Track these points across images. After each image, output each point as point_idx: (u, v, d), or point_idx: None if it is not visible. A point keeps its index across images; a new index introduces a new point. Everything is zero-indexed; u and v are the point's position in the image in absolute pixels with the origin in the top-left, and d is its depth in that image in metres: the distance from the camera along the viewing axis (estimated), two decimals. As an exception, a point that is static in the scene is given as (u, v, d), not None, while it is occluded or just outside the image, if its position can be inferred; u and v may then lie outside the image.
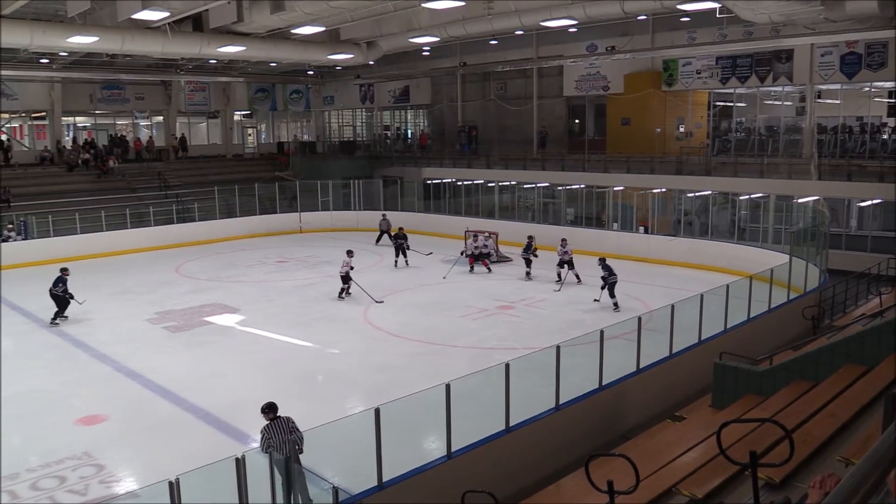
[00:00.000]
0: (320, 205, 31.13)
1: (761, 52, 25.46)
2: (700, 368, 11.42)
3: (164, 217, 28.32)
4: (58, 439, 10.42)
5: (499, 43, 31.82)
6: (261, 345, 15.22)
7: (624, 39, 27.61)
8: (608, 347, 10.42)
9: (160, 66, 32.66)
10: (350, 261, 18.80)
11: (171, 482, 6.13)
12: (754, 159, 25.65)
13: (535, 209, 30.33)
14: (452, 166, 33.62)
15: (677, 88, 28.51)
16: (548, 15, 21.42)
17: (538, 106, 33.46)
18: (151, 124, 39.51)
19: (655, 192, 25.55)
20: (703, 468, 6.98)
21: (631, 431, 10.32)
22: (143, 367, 13.55)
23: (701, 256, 21.87)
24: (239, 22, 22.22)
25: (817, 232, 19.14)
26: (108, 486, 9.10)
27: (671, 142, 29.37)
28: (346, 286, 18.62)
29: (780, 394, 9.46)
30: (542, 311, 17.38)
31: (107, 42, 22.22)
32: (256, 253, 25.71)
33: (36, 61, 28.86)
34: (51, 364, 14.10)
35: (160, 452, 10.09)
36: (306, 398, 12.11)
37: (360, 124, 44.34)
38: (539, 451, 9.47)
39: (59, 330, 16.33)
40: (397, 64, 36.02)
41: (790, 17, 19.34)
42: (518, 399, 9.09)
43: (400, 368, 13.44)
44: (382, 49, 27.96)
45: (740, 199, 24.23)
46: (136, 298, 19.11)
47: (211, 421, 11.10)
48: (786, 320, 15.16)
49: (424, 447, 9.38)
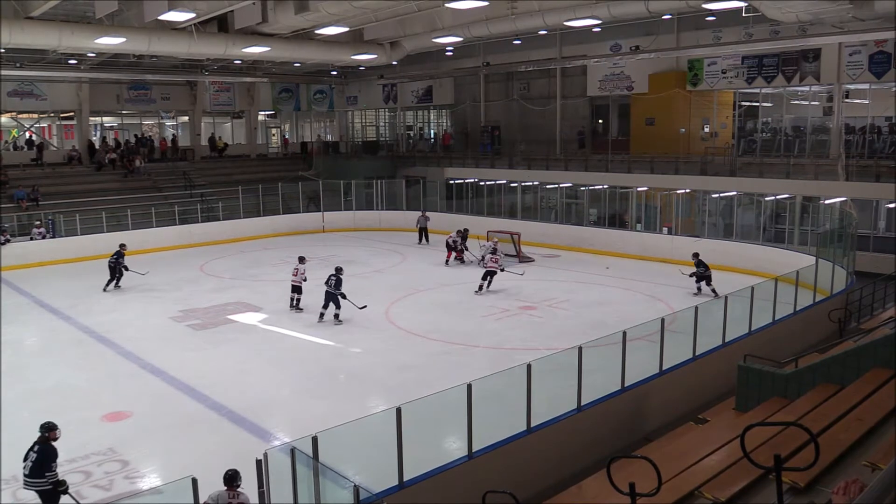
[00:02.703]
0: (343, 204, 31.29)
1: (788, 52, 25.16)
2: (724, 371, 11.31)
3: (189, 216, 28.62)
4: (84, 435, 10.55)
5: (522, 43, 31.77)
6: (283, 343, 15.32)
7: (648, 39, 27.43)
8: (631, 349, 10.35)
9: (186, 67, 33.02)
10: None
11: (194, 479, 6.18)
12: (780, 160, 25.36)
13: (558, 210, 30.24)
14: (475, 166, 33.60)
15: (702, 88, 28.27)
16: (571, 14, 21.33)
17: (561, 106, 33.35)
18: (177, 124, 39.94)
19: (679, 193, 25.36)
20: (727, 471, 6.91)
21: (653, 433, 10.25)
22: (168, 365, 13.70)
23: (725, 258, 21.65)
24: (263, 23, 22.41)
25: (844, 233, 18.88)
26: (133, 482, 9.22)
27: (696, 142, 29.13)
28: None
29: (806, 397, 9.34)
30: (565, 312, 17.31)
31: (134, 43, 22.50)
32: (279, 252, 25.86)
33: (64, 62, 29.31)
34: (77, 360, 14.30)
35: (183, 449, 10.20)
36: (328, 397, 12.18)
37: (383, 124, 44.48)
38: (560, 452, 9.43)
39: (86, 326, 16.55)
40: (420, 64, 36.10)
41: (818, 16, 19.10)
42: (540, 400, 9.06)
43: (421, 368, 13.46)
44: (406, 49, 28.02)
45: (766, 200, 23.96)
46: (161, 296, 19.32)
47: (234, 418, 11.19)
48: (812, 323, 14.97)
49: (445, 447, 9.38)
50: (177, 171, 33.83)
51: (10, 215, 25.91)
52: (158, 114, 38.69)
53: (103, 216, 26.07)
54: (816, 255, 17.54)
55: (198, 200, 30.25)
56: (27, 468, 7.99)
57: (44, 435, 8.12)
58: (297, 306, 17.39)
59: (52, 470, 7.91)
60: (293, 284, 17.38)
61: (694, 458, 7.61)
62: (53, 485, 7.87)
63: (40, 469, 7.93)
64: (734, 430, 7.69)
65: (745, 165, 25.64)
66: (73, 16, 22.67)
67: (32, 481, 7.95)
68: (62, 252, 24.54)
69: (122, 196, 29.57)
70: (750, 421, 8.38)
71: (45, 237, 24.90)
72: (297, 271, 17.36)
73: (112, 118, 37.95)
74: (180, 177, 33.29)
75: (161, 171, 33.56)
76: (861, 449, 6.83)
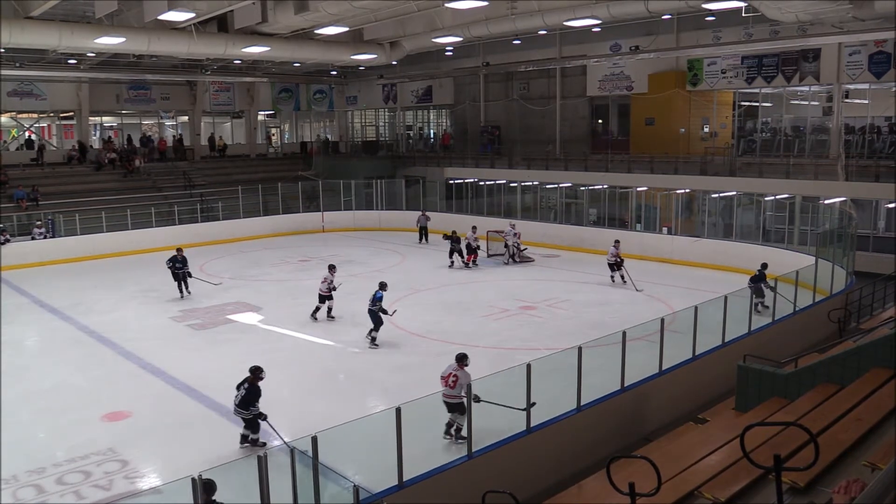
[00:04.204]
0: (343, 204, 31.29)
1: (788, 52, 25.17)
2: (723, 371, 11.32)
3: (189, 216, 28.63)
4: (84, 434, 10.57)
5: (522, 43, 31.77)
6: (283, 343, 15.32)
7: (648, 39, 27.44)
8: (630, 349, 10.36)
9: (185, 67, 33.04)
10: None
11: (194, 478, 6.19)
12: (780, 160, 25.36)
13: (558, 209, 30.24)
14: (475, 166, 33.61)
15: (702, 88, 28.28)
16: (571, 14, 21.34)
17: (561, 106, 33.35)
18: (177, 124, 39.93)
19: (679, 193, 25.37)
20: (726, 471, 6.91)
21: (653, 433, 10.25)
22: (168, 365, 13.70)
23: (725, 258, 21.67)
24: (263, 23, 22.42)
25: (844, 233, 18.88)
26: (132, 482, 9.21)
27: (696, 142, 29.14)
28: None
29: (805, 397, 9.34)
30: (565, 312, 17.32)
31: (133, 43, 22.50)
32: (279, 252, 25.87)
33: (64, 62, 29.32)
34: (77, 360, 14.30)
35: (183, 449, 10.20)
36: (328, 397, 12.19)
37: (382, 124, 44.49)
38: (560, 452, 9.44)
39: (86, 326, 16.55)
40: (420, 64, 36.10)
41: (817, 17, 19.11)
42: (539, 400, 9.06)
43: (421, 368, 13.44)
44: (405, 49, 28.03)
45: (765, 200, 23.97)
46: (161, 296, 19.31)
47: (233, 419, 11.17)
48: (811, 323, 14.98)
49: (445, 447, 9.38)
50: (176, 171, 33.82)
51: (10, 215, 25.90)
52: (158, 114, 38.70)
53: (103, 216, 26.05)
54: (816, 255, 17.54)
55: (198, 200, 30.25)
56: (237, 399, 9.84)
57: (253, 375, 9.89)
58: (328, 314, 16.49)
59: (255, 405, 9.74)
60: (320, 294, 16.46)
61: (694, 458, 7.62)
62: (255, 416, 9.77)
63: (247, 403, 9.75)
64: (734, 430, 7.70)
65: (744, 165, 25.64)
66: (73, 16, 22.67)
67: (240, 411, 9.85)
68: (62, 252, 24.54)
69: (121, 196, 29.56)
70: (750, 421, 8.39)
71: (46, 237, 24.89)
72: (326, 280, 16.48)
73: (112, 118, 37.95)
74: (180, 177, 33.28)
75: (161, 171, 33.55)
76: (861, 449, 6.83)
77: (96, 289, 20.47)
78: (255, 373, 9.91)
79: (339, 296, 16.93)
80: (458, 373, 9.59)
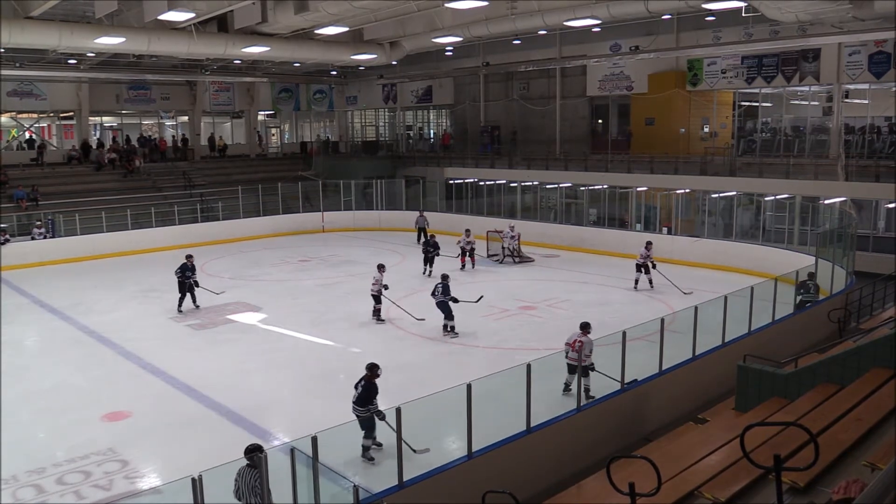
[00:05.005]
0: (343, 204, 31.30)
1: (788, 52, 25.17)
2: (723, 371, 11.31)
3: (189, 216, 28.63)
4: (83, 434, 10.57)
5: (522, 43, 31.76)
6: (283, 343, 15.32)
7: (648, 39, 27.44)
8: (630, 349, 10.35)
9: (185, 67, 33.03)
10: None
11: (194, 479, 6.18)
12: (780, 160, 25.34)
13: (558, 209, 30.24)
14: (475, 166, 33.59)
15: (702, 88, 28.27)
16: (571, 14, 21.34)
17: (561, 106, 33.34)
18: (177, 124, 39.93)
19: (679, 193, 25.36)
20: (726, 471, 6.91)
21: (653, 433, 10.24)
22: (168, 365, 13.70)
23: (725, 258, 21.66)
24: (263, 23, 22.41)
25: (844, 233, 18.87)
26: (132, 482, 9.22)
27: (695, 142, 29.13)
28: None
29: (805, 397, 9.34)
30: (565, 312, 17.30)
31: (133, 43, 22.50)
32: (279, 252, 25.87)
33: (64, 62, 29.32)
34: (77, 360, 14.30)
35: (183, 449, 10.20)
36: (328, 397, 12.16)
37: (382, 124, 44.48)
38: (560, 452, 9.43)
39: (86, 326, 16.55)
40: (420, 64, 36.10)
41: (817, 17, 19.10)
42: (539, 400, 9.06)
43: (421, 368, 13.45)
44: (405, 49, 28.02)
45: (765, 200, 23.97)
46: (160, 296, 19.30)
47: (234, 418, 11.19)
48: (811, 323, 14.97)
49: (445, 447, 9.38)
50: (176, 171, 33.82)
51: (10, 215, 25.90)
52: (158, 114, 38.69)
53: (103, 216, 26.06)
54: (816, 255, 17.53)
55: (197, 200, 30.24)
56: (355, 397, 9.66)
57: (370, 372, 9.71)
58: (375, 316, 16.48)
59: (373, 403, 9.50)
60: (372, 294, 16.46)
61: (694, 458, 7.62)
62: (372, 414, 9.39)
63: (364, 401, 9.57)
64: (734, 430, 7.69)
65: (744, 165, 25.63)
66: (73, 16, 22.66)
67: (358, 409, 9.58)
68: (62, 252, 24.54)
69: (121, 196, 29.56)
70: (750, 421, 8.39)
71: (46, 237, 24.89)
72: (376, 281, 16.45)
73: (112, 118, 37.95)
74: (180, 177, 33.28)
75: (161, 171, 33.55)
76: (861, 449, 6.83)
77: (96, 289, 20.49)
78: (372, 370, 9.67)
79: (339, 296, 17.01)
80: (583, 339, 10.96)
